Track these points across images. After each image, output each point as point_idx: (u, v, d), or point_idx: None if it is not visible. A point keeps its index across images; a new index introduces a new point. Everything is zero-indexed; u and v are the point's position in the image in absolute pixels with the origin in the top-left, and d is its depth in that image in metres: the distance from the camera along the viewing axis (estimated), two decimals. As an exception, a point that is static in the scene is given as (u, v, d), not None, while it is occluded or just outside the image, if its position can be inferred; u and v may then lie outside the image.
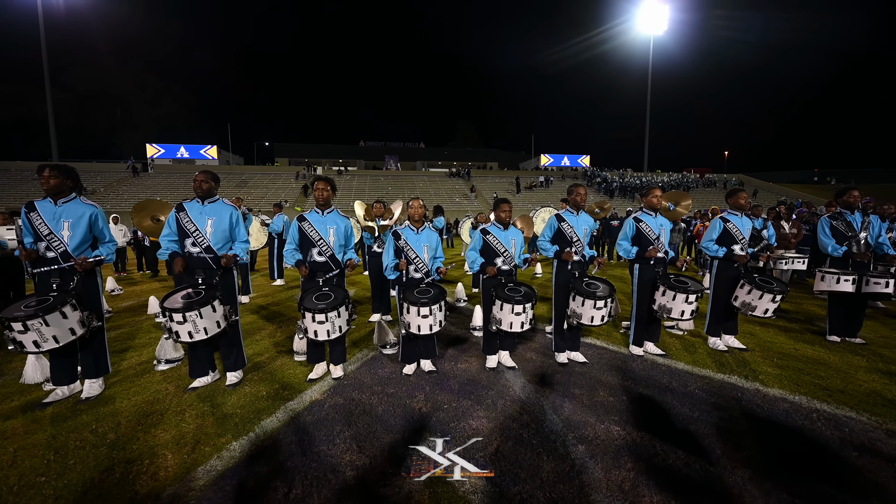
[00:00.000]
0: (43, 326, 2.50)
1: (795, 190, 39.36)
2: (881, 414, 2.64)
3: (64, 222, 2.80)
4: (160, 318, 2.74)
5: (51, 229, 2.76)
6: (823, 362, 3.56)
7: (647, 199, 3.75)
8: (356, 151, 60.05)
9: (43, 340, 2.52)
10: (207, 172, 3.10)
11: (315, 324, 2.94)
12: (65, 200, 2.85)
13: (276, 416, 2.68)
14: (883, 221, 4.36)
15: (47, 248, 2.77)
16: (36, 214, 2.77)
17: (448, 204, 30.34)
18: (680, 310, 3.45)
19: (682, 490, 1.94)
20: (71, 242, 2.80)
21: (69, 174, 2.88)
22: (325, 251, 3.20)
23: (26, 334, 2.48)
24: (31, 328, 2.47)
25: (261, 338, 4.37)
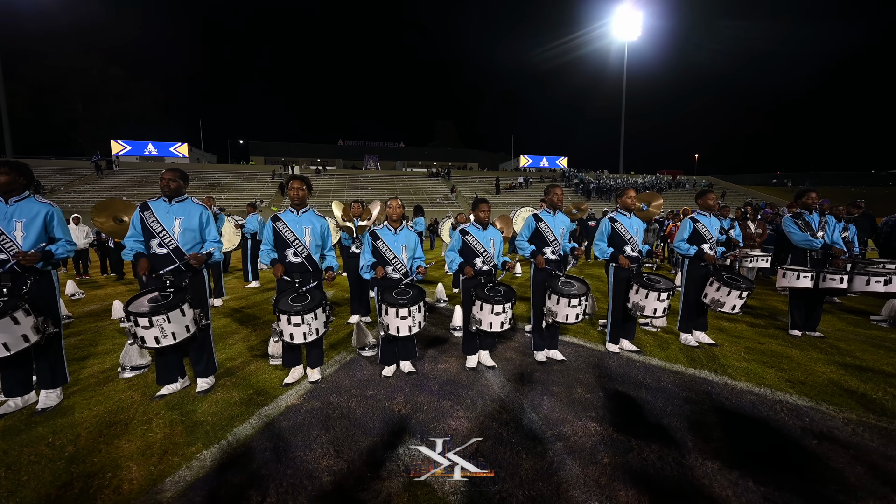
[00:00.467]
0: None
1: (759, 191, 41.32)
2: (838, 403, 2.79)
3: (16, 222, 2.62)
4: (125, 322, 2.61)
5: (2, 230, 2.58)
6: (786, 356, 3.74)
7: (622, 199, 3.84)
8: (335, 150, 59.06)
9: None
10: (175, 170, 2.97)
11: (291, 326, 2.86)
12: (17, 199, 2.67)
13: (249, 423, 2.60)
14: (838, 222, 4.62)
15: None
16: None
17: (428, 204, 30.28)
18: (653, 307, 3.55)
19: (655, 483, 1.99)
20: (25, 244, 2.63)
21: (21, 171, 2.70)
22: (301, 252, 3.12)
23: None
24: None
25: (234, 342, 4.23)
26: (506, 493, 1.96)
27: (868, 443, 2.32)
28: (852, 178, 49.21)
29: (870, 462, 2.14)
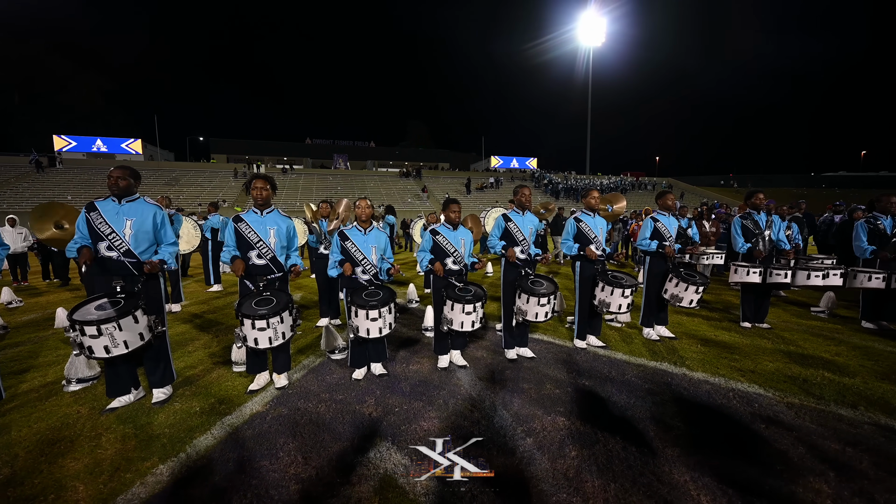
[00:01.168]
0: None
1: (714, 192, 43.89)
2: (783, 389, 3.00)
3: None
4: (69, 332, 2.41)
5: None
6: (738, 346, 3.99)
7: (586, 200, 3.96)
8: (302, 149, 57.40)
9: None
10: (125, 168, 2.78)
11: (255, 331, 2.75)
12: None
13: (211, 433, 2.47)
14: (783, 221, 4.98)
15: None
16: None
17: (400, 204, 30.07)
18: (617, 303, 3.68)
19: (620, 472, 2.07)
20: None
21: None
22: (266, 253, 3.01)
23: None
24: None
25: (194, 349, 4.02)
26: (476, 490, 1.97)
27: (808, 425, 2.51)
28: (794, 180, 53.33)
29: (810, 442, 2.31)
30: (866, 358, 3.62)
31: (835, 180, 52.58)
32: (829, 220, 8.27)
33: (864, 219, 4.71)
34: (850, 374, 3.28)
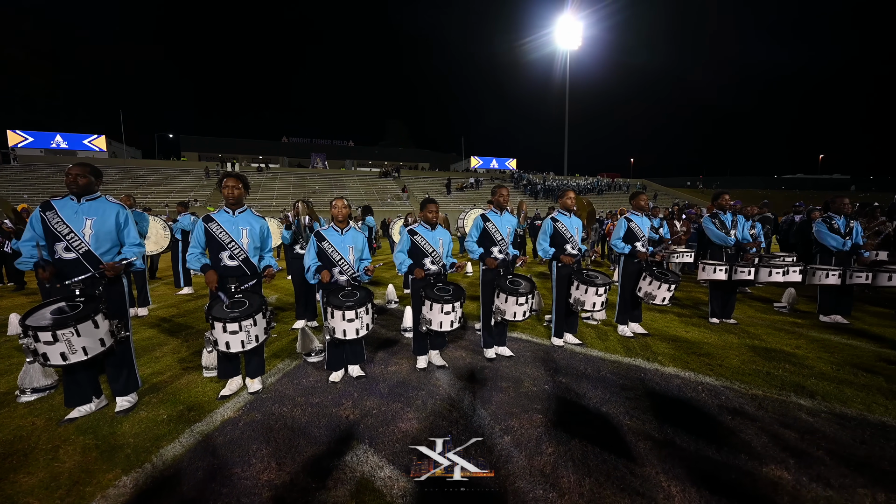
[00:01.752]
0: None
1: (685, 193, 45.52)
2: (748, 382, 3.14)
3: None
4: (23, 339, 2.26)
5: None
6: (706, 341, 4.14)
7: (562, 200, 4.03)
8: (278, 148, 56.00)
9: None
10: (84, 165, 2.64)
11: (227, 334, 2.66)
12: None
13: (179, 442, 2.38)
14: (747, 220, 5.22)
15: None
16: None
17: (379, 204, 29.80)
18: (592, 302, 3.76)
19: (595, 467, 2.11)
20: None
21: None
22: (238, 254, 2.92)
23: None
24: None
25: (162, 354, 3.86)
26: (455, 490, 1.97)
27: (770, 415, 2.63)
28: (758, 182, 55.99)
29: (772, 431, 2.42)
30: (823, 350, 3.83)
31: (793, 182, 55.57)
32: (791, 220, 8.71)
33: (820, 218, 4.99)
34: (808, 365, 3.46)
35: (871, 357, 3.64)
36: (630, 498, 1.88)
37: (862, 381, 3.13)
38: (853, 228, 4.83)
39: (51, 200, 2.58)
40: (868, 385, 3.05)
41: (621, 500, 1.87)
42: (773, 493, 1.91)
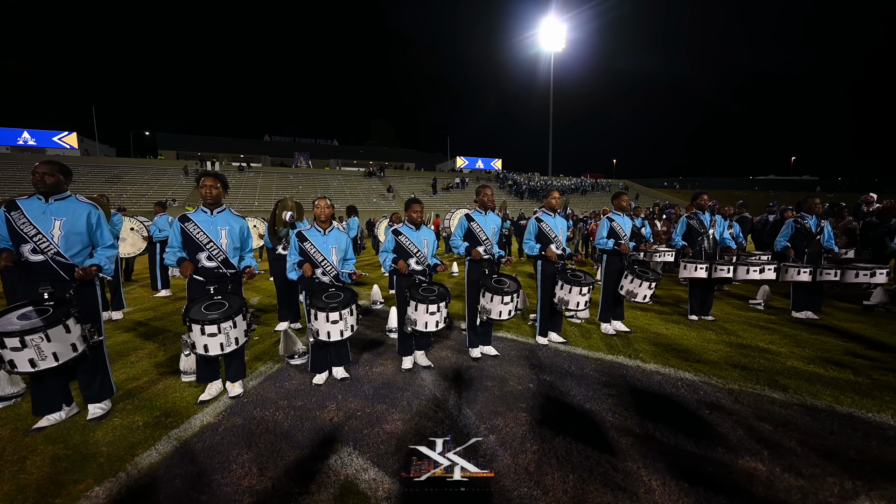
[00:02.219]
0: None
1: (665, 194, 46.62)
2: (725, 377, 3.23)
3: None
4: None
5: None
6: (686, 338, 4.25)
7: (547, 200, 4.07)
8: (261, 147, 54.91)
9: None
10: (52, 163, 2.53)
11: (205, 337, 2.59)
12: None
13: (156, 449, 2.30)
14: (725, 220, 5.38)
15: None
16: None
17: (364, 204, 29.59)
18: (576, 301, 3.81)
19: (578, 463, 2.13)
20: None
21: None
22: (217, 255, 2.84)
23: None
24: None
25: (137, 359, 3.73)
26: (440, 490, 1.96)
27: (746, 408, 2.71)
28: (733, 183, 57.79)
29: (747, 424, 2.50)
30: (795, 345, 3.98)
31: (766, 183, 57.60)
32: (765, 220, 9.02)
33: (792, 218, 5.18)
34: (781, 360, 3.58)
35: (839, 351, 3.79)
36: (612, 493, 1.91)
37: (831, 374, 3.26)
38: (823, 227, 5.03)
39: (17, 200, 2.47)
40: (837, 378, 3.17)
41: (604, 495, 1.90)
42: (749, 483, 1.97)
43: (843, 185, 53.35)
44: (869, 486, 1.93)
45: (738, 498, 1.87)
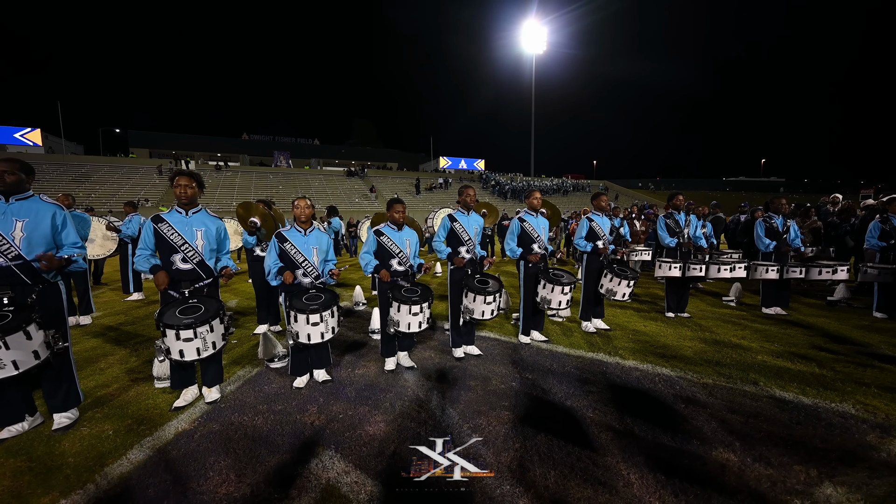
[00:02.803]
0: None
1: (644, 194, 47.83)
2: (699, 371, 3.33)
3: None
4: (-62, 353, 2.03)
5: None
6: (663, 335, 4.37)
7: (529, 200, 4.11)
8: (239, 145, 53.53)
9: None
10: (13, 161, 2.40)
11: (181, 342, 2.50)
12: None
13: (127, 458, 2.22)
14: (699, 220, 5.56)
15: None
16: None
17: (347, 204, 29.25)
18: (558, 300, 3.86)
19: (560, 459, 2.16)
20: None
21: None
22: (192, 257, 2.76)
23: None
24: None
25: (107, 365, 3.59)
26: (424, 490, 1.95)
27: (719, 402, 2.81)
28: (708, 184, 59.81)
29: (720, 417, 2.59)
30: (765, 340, 4.14)
31: (737, 184, 59.92)
32: (737, 220, 9.37)
33: (761, 218, 5.39)
34: (752, 354, 3.72)
35: (805, 345, 3.97)
36: (592, 488, 1.95)
37: (798, 367, 3.41)
38: (790, 227, 5.26)
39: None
40: (803, 371, 3.32)
41: (584, 490, 1.94)
42: (722, 474, 2.04)
43: (808, 187, 55.98)
44: (832, 472, 2.03)
45: (711, 488, 1.93)
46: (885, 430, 2.42)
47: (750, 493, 1.89)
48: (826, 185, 52.05)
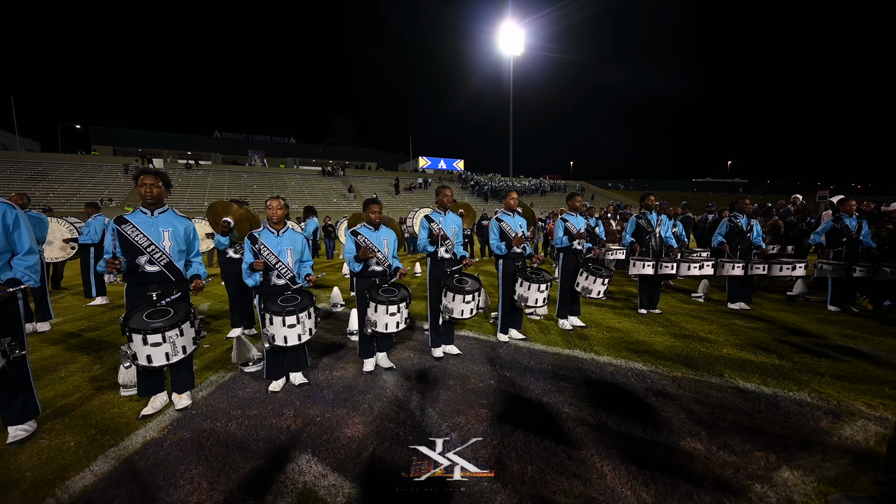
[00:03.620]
0: None
1: (619, 195, 49.16)
2: (669, 365, 3.46)
3: None
4: None
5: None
6: (636, 331, 4.51)
7: (506, 201, 4.17)
8: (210, 143, 51.74)
9: None
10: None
11: (148, 347, 2.41)
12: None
13: (90, 470, 2.12)
14: (670, 219, 5.77)
15: None
16: None
17: (324, 204, 28.77)
18: (535, 298, 3.93)
19: (536, 454, 2.21)
20: None
21: None
22: (160, 259, 2.65)
23: None
24: None
25: (68, 374, 3.41)
26: (405, 490, 1.95)
27: (687, 394, 2.93)
28: (678, 185, 62.13)
29: (688, 408, 2.70)
30: (730, 334, 4.34)
31: (703, 185, 62.55)
32: (706, 219, 9.78)
33: (727, 217, 5.65)
34: (718, 348, 3.90)
35: (767, 338, 4.19)
36: (568, 480, 2.00)
37: (760, 359, 3.60)
38: (753, 226, 5.53)
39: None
40: (764, 363, 3.50)
41: (560, 483, 1.98)
42: (689, 462, 2.13)
43: (769, 188, 58.96)
44: (789, 457, 2.15)
45: (679, 476, 2.01)
46: (837, 415, 2.58)
47: (715, 480, 1.99)
48: (787, 186, 55.02)
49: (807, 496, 1.87)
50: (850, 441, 2.30)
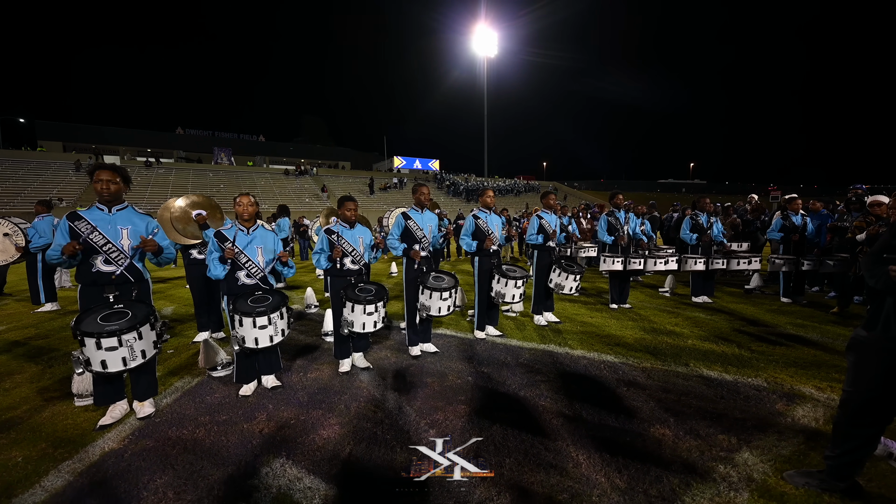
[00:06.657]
0: None
1: (591, 195, 50.63)
2: (639, 357, 3.59)
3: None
4: None
5: None
6: (608, 325, 4.65)
7: (482, 199, 4.21)
8: (172, 140, 49.12)
9: None
10: None
11: (102, 352, 2.26)
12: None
13: (41, 486, 1.97)
14: (638, 218, 6.00)
15: None
16: None
17: (297, 204, 28.03)
18: (511, 294, 3.98)
19: (514, 447, 2.23)
20: None
21: None
22: (117, 258, 2.50)
23: None
24: None
25: (14, 385, 3.16)
26: (386, 489, 1.93)
27: (656, 383, 3.05)
28: (645, 185, 64.76)
29: (657, 398, 2.81)
30: (695, 326, 4.56)
31: (667, 186, 65.51)
32: (671, 217, 10.24)
33: (689, 215, 5.93)
34: (684, 339, 4.08)
35: (728, 329, 4.43)
36: (545, 471, 2.04)
37: (721, 349, 3.79)
38: (713, 224, 5.83)
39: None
40: (725, 352, 3.70)
41: (537, 474, 2.02)
42: (658, 448, 2.22)
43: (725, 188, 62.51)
44: (749, 438, 2.28)
45: (650, 461, 2.09)
46: (790, 398, 2.76)
47: (682, 463, 2.08)
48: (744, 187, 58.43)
49: (765, 474, 1.99)
50: (802, 422, 2.46)
